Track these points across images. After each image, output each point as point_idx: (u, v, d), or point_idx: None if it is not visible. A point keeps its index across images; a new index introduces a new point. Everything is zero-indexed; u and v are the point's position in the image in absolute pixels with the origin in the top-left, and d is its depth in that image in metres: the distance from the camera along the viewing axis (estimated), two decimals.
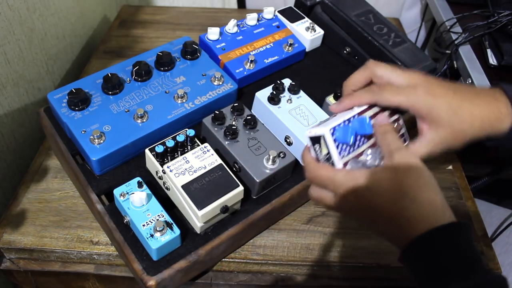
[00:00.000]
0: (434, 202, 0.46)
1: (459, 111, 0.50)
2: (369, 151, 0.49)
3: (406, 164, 0.46)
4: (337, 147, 0.48)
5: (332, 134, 0.48)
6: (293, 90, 0.71)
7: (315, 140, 0.49)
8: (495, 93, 0.51)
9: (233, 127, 0.64)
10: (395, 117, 0.52)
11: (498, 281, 0.43)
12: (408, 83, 0.51)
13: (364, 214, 0.48)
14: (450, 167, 0.80)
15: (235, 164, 0.63)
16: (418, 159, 0.47)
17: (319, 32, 0.84)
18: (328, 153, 0.48)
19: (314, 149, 0.50)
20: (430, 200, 0.46)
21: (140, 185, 0.59)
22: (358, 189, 0.46)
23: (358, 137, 0.49)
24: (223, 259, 0.65)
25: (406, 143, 0.53)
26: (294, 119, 0.68)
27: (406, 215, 0.45)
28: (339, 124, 0.48)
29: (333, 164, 0.48)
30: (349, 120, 0.49)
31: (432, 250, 0.44)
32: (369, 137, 0.50)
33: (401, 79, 0.52)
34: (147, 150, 0.62)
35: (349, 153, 0.48)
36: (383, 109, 0.52)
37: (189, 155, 0.60)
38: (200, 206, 0.56)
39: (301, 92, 0.72)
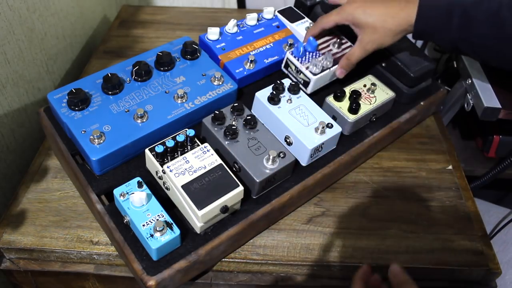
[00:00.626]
0: None
1: (373, 14, 0.68)
2: (321, 57, 0.73)
3: None
4: (298, 60, 0.74)
5: (291, 53, 0.75)
6: (293, 90, 0.71)
7: (287, 65, 0.76)
8: None
9: (233, 127, 0.64)
10: (344, 41, 0.78)
11: None
12: (340, 7, 0.71)
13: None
14: (450, 167, 0.80)
15: (235, 164, 0.63)
16: None
17: None
18: (296, 67, 0.74)
19: (289, 72, 0.76)
20: None
21: (140, 185, 0.59)
22: None
23: (310, 53, 0.75)
24: (223, 259, 0.65)
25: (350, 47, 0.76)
26: (294, 119, 0.68)
27: None
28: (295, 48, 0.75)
29: (300, 72, 0.73)
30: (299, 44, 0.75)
31: None
32: (320, 49, 0.76)
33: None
34: (147, 150, 0.62)
35: (308, 61, 0.74)
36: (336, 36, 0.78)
37: (189, 155, 0.60)
38: (200, 206, 0.56)
39: (301, 92, 0.72)
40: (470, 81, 0.87)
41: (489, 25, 0.62)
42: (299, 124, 0.67)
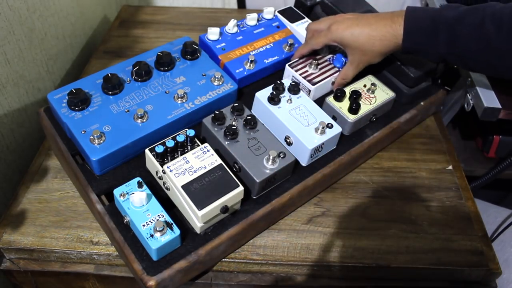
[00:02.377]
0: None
1: (360, 36, 0.69)
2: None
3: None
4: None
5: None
6: (293, 90, 0.71)
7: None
8: (395, 16, 0.68)
9: (233, 127, 0.64)
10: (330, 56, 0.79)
11: None
12: (326, 27, 0.73)
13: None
14: (450, 167, 0.80)
15: (235, 164, 0.63)
16: None
17: None
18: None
19: None
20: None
21: (140, 185, 0.59)
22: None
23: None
24: (223, 259, 0.65)
25: (340, 68, 0.77)
26: (294, 119, 0.68)
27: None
28: None
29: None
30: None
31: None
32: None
33: (322, 26, 0.75)
34: (147, 150, 0.62)
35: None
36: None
37: (189, 155, 0.60)
38: (200, 206, 0.56)
39: (301, 92, 0.72)
40: (470, 81, 0.87)
41: (475, 39, 0.62)
42: (299, 124, 0.67)
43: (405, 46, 0.67)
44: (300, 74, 0.75)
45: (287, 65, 0.76)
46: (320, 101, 0.74)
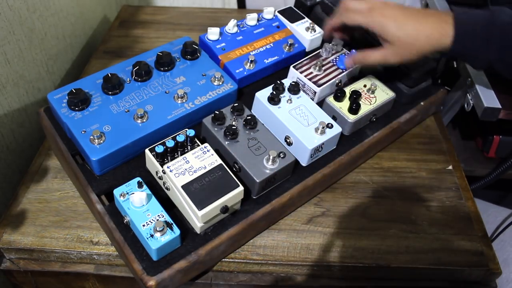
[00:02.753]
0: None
1: (404, 27, 0.64)
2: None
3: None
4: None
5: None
6: (293, 90, 0.71)
7: None
8: (445, 15, 0.64)
9: (233, 127, 0.64)
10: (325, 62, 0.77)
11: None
12: (367, 8, 0.67)
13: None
14: (450, 167, 0.80)
15: (235, 164, 0.63)
16: None
17: (319, 32, 0.84)
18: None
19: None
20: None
21: (140, 185, 0.59)
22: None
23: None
24: (223, 259, 0.65)
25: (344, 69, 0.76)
26: (294, 119, 0.68)
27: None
28: None
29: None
30: None
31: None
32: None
33: (362, 6, 0.68)
34: (147, 150, 0.62)
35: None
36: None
37: (189, 155, 0.60)
38: (200, 206, 0.56)
39: (301, 92, 0.72)
40: (470, 81, 0.86)
41: None
42: (299, 124, 0.67)
43: (453, 49, 0.63)
44: (305, 76, 0.74)
45: (291, 66, 0.76)
46: (320, 101, 0.74)
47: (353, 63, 0.74)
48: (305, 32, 0.83)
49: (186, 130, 0.62)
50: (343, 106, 0.72)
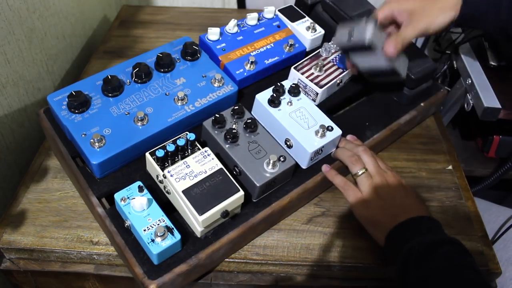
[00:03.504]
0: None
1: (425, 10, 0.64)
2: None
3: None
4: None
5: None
6: (293, 92, 0.70)
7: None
8: None
9: (233, 131, 0.64)
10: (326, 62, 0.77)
11: (454, 240, 0.56)
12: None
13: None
14: (450, 167, 0.80)
15: (236, 168, 0.63)
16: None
17: (320, 31, 0.84)
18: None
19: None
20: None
21: (140, 189, 0.59)
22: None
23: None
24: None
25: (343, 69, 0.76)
26: (294, 121, 0.67)
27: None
28: None
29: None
30: None
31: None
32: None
33: None
34: (147, 154, 0.61)
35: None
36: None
37: (189, 159, 0.60)
38: (201, 211, 0.56)
39: (301, 94, 0.71)
40: (470, 81, 0.87)
41: None
42: (299, 127, 0.67)
43: (463, 14, 0.62)
44: (307, 77, 0.74)
45: (292, 67, 0.75)
46: (320, 103, 0.74)
47: (396, 49, 0.66)
48: (306, 32, 0.83)
49: (186, 134, 0.62)
50: None
